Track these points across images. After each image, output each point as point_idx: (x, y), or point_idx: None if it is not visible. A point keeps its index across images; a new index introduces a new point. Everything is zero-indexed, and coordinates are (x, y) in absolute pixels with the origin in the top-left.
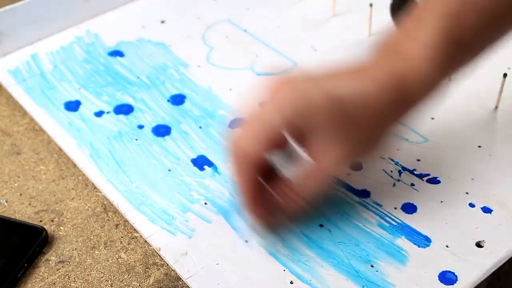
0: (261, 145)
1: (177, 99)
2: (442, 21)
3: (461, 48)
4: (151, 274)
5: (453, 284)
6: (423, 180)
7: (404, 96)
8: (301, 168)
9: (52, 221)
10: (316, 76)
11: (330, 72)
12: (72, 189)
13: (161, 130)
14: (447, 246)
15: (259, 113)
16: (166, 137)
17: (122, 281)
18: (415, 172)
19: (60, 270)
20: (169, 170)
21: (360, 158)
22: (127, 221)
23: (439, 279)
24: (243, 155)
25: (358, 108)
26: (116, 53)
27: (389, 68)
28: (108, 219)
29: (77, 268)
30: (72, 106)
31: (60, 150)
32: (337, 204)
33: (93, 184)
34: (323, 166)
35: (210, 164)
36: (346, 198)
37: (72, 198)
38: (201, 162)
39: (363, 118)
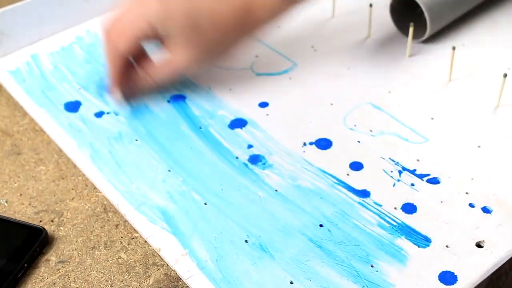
0: (128, 42)
1: (177, 99)
2: None
3: None
4: (151, 274)
5: (453, 284)
6: (423, 180)
7: (250, 19)
8: (162, 58)
9: (52, 221)
10: None
11: None
12: (72, 189)
13: (162, 131)
14: (447, 246)
15: (129, 16)
16: (167, 137)
17: (122, 281)
18: (415, 172)
19: (60, 270)
20: (169, 171)
21: (209, 61)
22: (127, 221)
23: (439, 279)
24: (113, 47)
25: (209, 22)
26: None
27: None
28: (108, 219)
29: (77, 268)
30: (72, 106)
31: (60, 150)
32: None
33: (93, 184)
34: (175, 60)
35: None
36: (346, 198)
37: (72, 198)
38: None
39: (212, 30)
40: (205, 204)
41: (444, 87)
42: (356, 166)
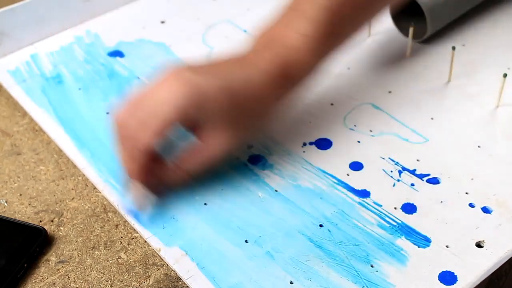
0: (153, 135)
1: None
2: (323, 15)
3: (337, 38)
4: (151, 274)
5: (453, 284)
6: (423, 180)
7: (286, 82)
8: (189, 146)
9: (52, 221)
10: (204, 68)
11: (216, 63)
12: (72, 189)
13: None
14: (447, 246)
15: (152, 104)
16: (166, 137)
17: (122, 281)
18: (415, 172)
19: (60, 270)
20: None
21: (247, 138)
22: (127, 221)
23: (439, 279)
24: (134, 143)
25: (247, 96)
26: (116, 53)
27: (273, 56)
28: (108, 219)
29: (77, 268)
30: (72, 106)
31: (60, 150)
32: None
33: (93, 184)
34: (211, 146)
35: None
36: (346, 198)
37: (72, 198)
38: None
39: (251, 104)
40: (205, 204)
41: (444, 87)
42: (356, 166)
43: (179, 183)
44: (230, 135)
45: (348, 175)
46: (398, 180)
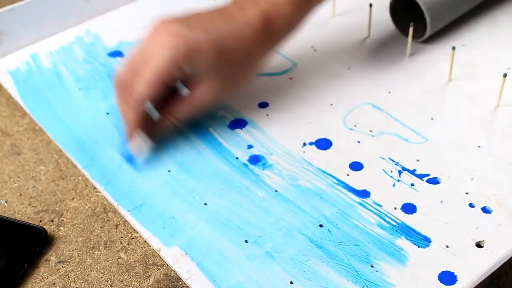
0: (146, 86)
1: None
2: None
3: None
4: (151, 274)
5: (453, 284)
6: (423, 180)
7: (269, 35)
8: (185, 95)
9: (52, 221)
10: (191, 20)
11: (202, 15)
12: (72, 189)
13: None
14: (447, 246)
15: (145, 57)
16: (166, 137)
17: (122, 281)
18: (415, 172)
19: (60, 270)
20: (169, 171)
21: (234, 90)
22: (127, 221)
23: (439, 279)
24: (134, 94)
25: (235, 49)
26: (116, 53)
27: (257, 11)
28: (108, 219)
29: (77, 268)
30: (72, 106)
31: (60, 150)
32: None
33: (93, 184)
34: (199, 95)
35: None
36: (346, 198)
37: (72, 198)
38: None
39: (239, 57)
40: (205, 204)
41: (444, 87)
42: (356, 166)
43: (170, 129)
44: (218, 85)
45: (348, 175)
46: (398, 180)
